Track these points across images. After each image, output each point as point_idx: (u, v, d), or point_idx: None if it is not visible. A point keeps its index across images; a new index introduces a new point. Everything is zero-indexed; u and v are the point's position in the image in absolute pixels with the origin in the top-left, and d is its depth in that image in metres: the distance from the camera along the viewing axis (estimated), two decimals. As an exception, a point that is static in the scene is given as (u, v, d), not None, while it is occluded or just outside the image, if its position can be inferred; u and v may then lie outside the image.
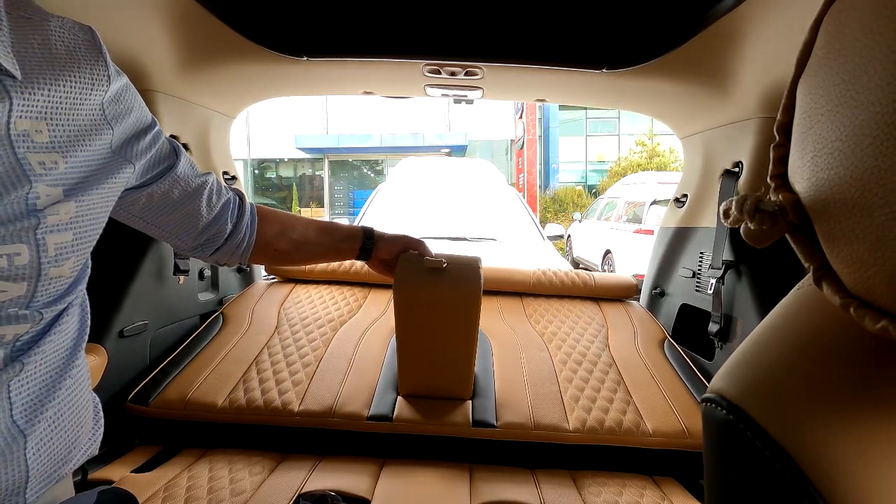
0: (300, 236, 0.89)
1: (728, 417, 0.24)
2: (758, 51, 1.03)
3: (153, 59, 1.13)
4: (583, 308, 1.60)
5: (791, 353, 0.24)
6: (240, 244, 0.80)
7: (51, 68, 0.47)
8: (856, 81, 0.20)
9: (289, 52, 1.18)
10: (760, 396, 0.23)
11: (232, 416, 1.11)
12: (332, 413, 1.10)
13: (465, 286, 1.04)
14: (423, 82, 1.35)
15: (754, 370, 0.25)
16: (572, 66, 1.20)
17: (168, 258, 1.31)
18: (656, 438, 1.06)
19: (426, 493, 0.93)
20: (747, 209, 0.24)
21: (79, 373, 0.55)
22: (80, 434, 0.55)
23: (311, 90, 1.46)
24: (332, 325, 1.45)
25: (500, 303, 1.64)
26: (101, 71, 0.52)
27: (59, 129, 0.47)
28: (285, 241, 0.87)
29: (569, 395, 1.18)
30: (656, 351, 1.38)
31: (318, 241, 0.91)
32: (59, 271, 0.48)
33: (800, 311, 0.26)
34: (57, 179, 0.46)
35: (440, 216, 3.66)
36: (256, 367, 1.25)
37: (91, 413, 0.59)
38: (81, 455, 0.56)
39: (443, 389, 1.15)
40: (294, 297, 1.62)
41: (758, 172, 1.20)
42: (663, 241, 1.64)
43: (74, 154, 0.48)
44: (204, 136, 1.46)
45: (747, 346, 0.27)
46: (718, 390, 0.26)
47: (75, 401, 0.54)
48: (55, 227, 0.46)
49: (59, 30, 0.49)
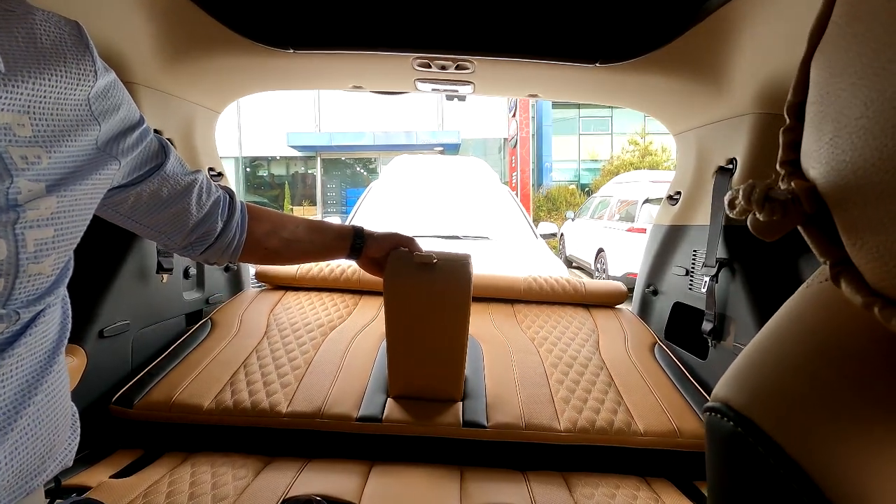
0: (291, 234, 0.88)
1: (735, 429, 0.21)
2: (753, 45, 1.01)
3: (135, 51, 1.09)
4: (573, 314, 1.61)
5: (803, 357, 0.22)
6: (230, 243, 0.79)
7: (35, 62, 0.46)
8: (886, 48, 0.17)
9: (275, 45, 1.15)
10: (771, 406, 0.20)
11: (218, 418, 1.08)
12: (321, 414, 1.08)
13: (455, 282, 1.04)
14: (413, 76, 1.32)
15: (762, 376, 0.22)
16: (565, 61, 1.18)
17: (151, 256, 1.27)
18: (648, 438, 1.05)
19: (415, 496, 0.91)
20: (756, 198, 0.22)
21: (57, 379, 0.53)
22: (55, 444, 0.52)
23: (298, 84, 1.43)
24: (322, 330, 1.44)
25: (491, 309, 1.64)
26: (88, 66, 0.51)
27: (42, 124, 0.46)
28: (276, 239, 0.86)
29: (559, 395, 1.17)
30: (647, 354, 1.38)
31: (309, 240, 0.90)
32: (39, 268, 0.47)
33: (811, 310, 0.23)
34: (39, 174, 0.45)
35: (433, 214, 3.64)
36: (244, 369, 1.23)
37: (68, 422, 0.56)
38: (56, 466, 0.54)
39: (433, 390, 1.14)
40: (284, 303, 1.61)
41: (752, 169, 1.19)
42: (656, 239, 1.63)
43: (58, 149, 0.47)
44: (189, 132, 1.42)
45: (753, 350, 0.24)
46: (723, 399, 0.24)
47: (52, 409, 0.51)
48: (35, 222, 0.45)
49: (44, 23, 0.49)
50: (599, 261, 6.94)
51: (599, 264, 6.93)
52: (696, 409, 1.13)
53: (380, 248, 0.98)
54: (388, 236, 0.99)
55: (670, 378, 1.26)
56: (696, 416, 1.11)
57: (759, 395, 0.21)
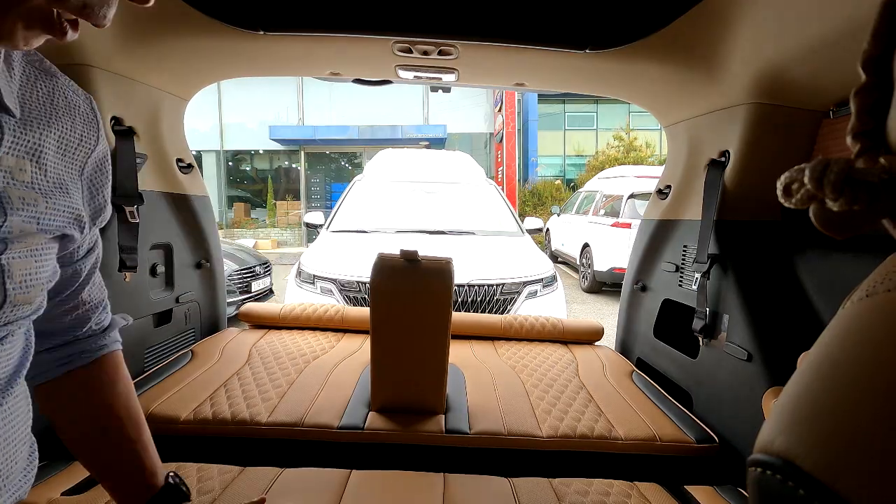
0: (98, 427, 0.64)
1: (809, 501, 0.15)
2: (750, 31, 0.97)
3: (89, 28, 1.00)
4: (553, 349, 1.64)
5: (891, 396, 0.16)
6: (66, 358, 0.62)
7: (47, 115, 0.50)
8: None
9: (244, 26, 1.08)
10: (860, 468, 0.15)
11: (195, 428, 1.04)
12: (302, 423, 1.06)
13: (437, 283, 1.06)
14: (393, 62, 1.25)
15: (836, 423, 0.16)
16: (553, 47, 1.12)
17: (112, 253, 1.19)
18: (628, 443, 1.07)
19: (395, 503, 0.85)
20: (830, 180, 0.16)
21: (14, 406, 0.51)
22: (9, 475, 0.50)
23: (271, 69, 1.35)
24: (305, 359, 1.43)
25: (472, 344, 1.68)
26: (93, 130, 0.56)
27: (41, 172, 0.49)
28: (85, 413, 0.63)
29: (541, 409, 1.18)
30: (626, 380, 1.40)
31: (105, 451, 0.65)
32: (26, 298, 0.48)
33: (884, 329, 0.18)
34: (32, 217, 0.47)
35: (417, 210, 3.56)
36: (225, 387, 1.20)
37: (25, 452, 0.54)
38: (9, 497, 0.51)
39: (415, 403, 1.13)
40: (267, 339, 1.60)
41: (746, 162, 1.15)
42: (645, 234, 1.59)
43: (54, 198, 0.50)
44: (154, 120, 1.33)
45: (814, 384, 0.18)
46: (782, 452, 0.17)
47: (7, 437, 0.50)
48: (19, 254, 0.47)
49: (64, 87, 0.54)
50: (585, 256, 6.94)
51: (585, 259, 6.93)
52: (672, 419, 1.16)
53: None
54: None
55: (648, 396, 1.28)
56: (672, 423, 1.14)
57: (838, 450, 0.15)
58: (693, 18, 1.00)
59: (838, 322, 0.19)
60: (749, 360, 1.08)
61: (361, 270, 2.60)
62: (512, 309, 2.61)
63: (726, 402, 1.16)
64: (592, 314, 5.36)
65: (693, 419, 1.16)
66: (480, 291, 2.59)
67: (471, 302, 2.57)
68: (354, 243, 3.02)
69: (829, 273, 1.01)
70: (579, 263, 7.19)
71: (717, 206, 1.19)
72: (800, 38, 0.89)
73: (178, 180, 1.46)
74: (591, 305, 5.87)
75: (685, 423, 1.14)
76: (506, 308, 2.62)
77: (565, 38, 1.10)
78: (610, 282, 6.27)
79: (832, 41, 0.84)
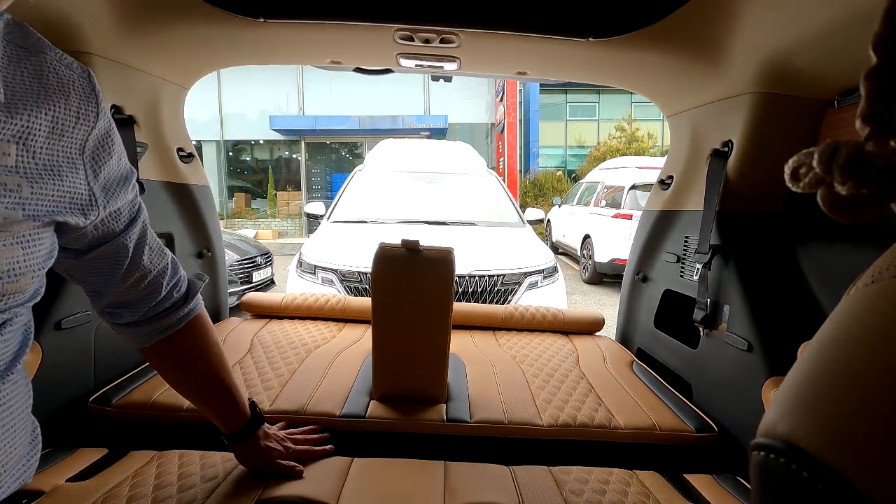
0: (205, 370, 0.81)
1: (813, 483, 0.16)
2: (753, 20, 0.96)
3: (91, 17, 0.99)
4: (553, 339, 1.64)
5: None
6: (160, 328, 0.74)
7: (36, 96, 0.48)
8: None
9: (244, 13, 1.07)
10: (865, 450, 0.15)
11: (197, 416, 1.04)
12: (304, 411, 1.07)
13: (439, 273, 1.06)
14: (395, 51, 1.24)
15: (839, 405, 0.17)
16: (556, 35, 1.11)
17: None
18: (628, 431, 1.07)
19: (397, 491, 0.86)
20: (839, 164, 0.16)
21: (14, 391, 0.52)
22: (10, 459, 0.51)
23: (271, 58, 1.34)
24: (307, 348, 1.43)
25: (473, 334, 1.69)
26: (91, 107, 0.54)
27: (29, 155, 0.47)
28: (191, 357, 0.79)
29: (541, 398, 1.19)
30: (626, 369, 1.41)
31: (209, 394, 0.83)
32: (17, 287, 0.48)
33: (890, 313, 0.18)
34: (16, 203, 0.45)
35: (418, 200, 3.56)
36: None
37: (27, 437, 0.55)
38: (13, 483, 0.52)
39: (416, 393, 1.14)
40: (269, 328, 1.60)
41: (749, 152, 1.14)
42: (647, 224, 1.59)
43: (43, 182, 0.48)
44: (154, 109, 1.32)
45: (818, 368, 0.18)
46: (784, 436, 0.17)
47: (8, 422, 0.50)
48: (4, 241, 0.45)
49: (54, 62, 0.51)
50: (586, 247, 6.94)
51: (586, 250, 6.92)
52: (672, 409, 1.16)
53: (256, 448, 0.88)
54: (267, 449, 0.90)
55: (648, 386, 1.29)
56: (672, 413, 1.15)
57: (840, 433, 0.15)
58: (697, 7, 0.99)
59: (843, 307, 0.19)
60: (749, 350, 1.09)
61: (362, 260, 2.60)
62: (513, 299, 2.62)
63: (726, 392, 1.16)
64: (593, 305, 5.37)
65: (692, 409, 1.17)
66: (481, 282, 2.59)
67: (472, 292, 2.58)
68: (355, 233, 3.02)
69: (831, 264, 1.01)
70: (580, 255, 7.19)
71: (720, 197, 1.18)
72: (804, 27, 0.88)
73: (179, 170, 1.45)
74: (591, 296, 5.88)
75: (685, 412, 1.14)
76: (507, 298, 2.62)
77: (568, 26, 1.09)
78: (611, 273, 6.28)
79: (837, 29, 0.83)
